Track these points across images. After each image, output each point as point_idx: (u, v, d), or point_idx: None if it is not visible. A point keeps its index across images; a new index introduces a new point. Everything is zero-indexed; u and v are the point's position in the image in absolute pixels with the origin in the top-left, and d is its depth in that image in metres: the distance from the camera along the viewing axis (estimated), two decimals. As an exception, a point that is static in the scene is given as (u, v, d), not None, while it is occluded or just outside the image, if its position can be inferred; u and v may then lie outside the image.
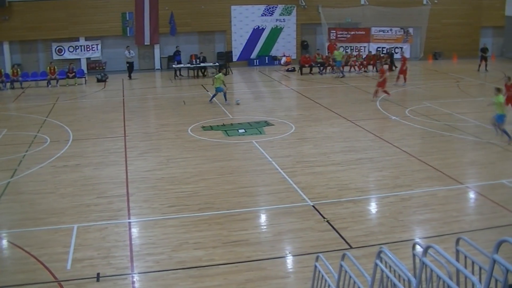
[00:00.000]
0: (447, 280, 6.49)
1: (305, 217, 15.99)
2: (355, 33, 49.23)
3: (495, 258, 5.60)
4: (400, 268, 8.09)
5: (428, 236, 14.86)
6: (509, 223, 15.59)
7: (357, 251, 13.68)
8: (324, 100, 32.53)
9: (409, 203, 17.16)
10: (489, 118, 23.81)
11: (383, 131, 25.51)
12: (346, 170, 20.15)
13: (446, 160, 21.33)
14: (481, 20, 52.80)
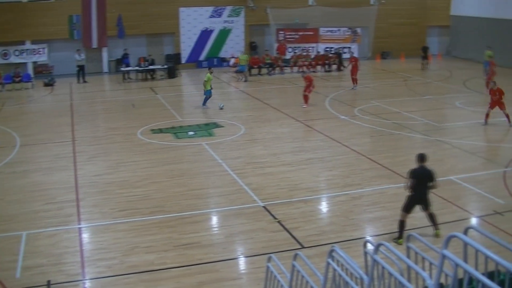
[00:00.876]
0: (399, 277, 6.55)
1: (256, 218, 16.02)
2: (304, 34, 49.39)
3: (444, 254, 5.67)
4: (352, 266, 8.14)
5: (379, 233, 15.03)
6: (458, 219, 15.87)
7: (309, 250, 13.75)
8: (274, 101, 32.61)
9: (359, 201, 17.32)
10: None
11: (332, 131, 25.66)
12: (297, 170, 20.23)
13: (395, 158, 21.57)
14: (427, 20, 53.47)
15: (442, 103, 32.06)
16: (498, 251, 10.40)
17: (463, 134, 25.12)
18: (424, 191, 14.46)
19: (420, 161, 14.56)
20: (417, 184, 14.36)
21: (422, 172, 14.44)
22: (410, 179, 14.42)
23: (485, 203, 17.30)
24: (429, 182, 14.42)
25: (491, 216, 16.14)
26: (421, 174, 14.42)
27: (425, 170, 14.48)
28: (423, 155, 14.61)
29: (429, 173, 14.43)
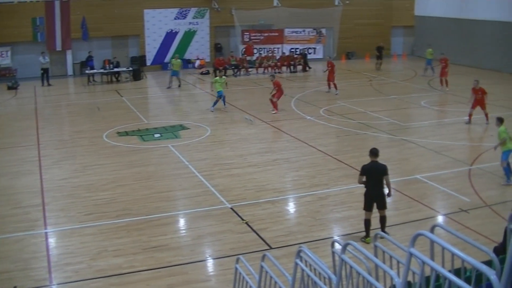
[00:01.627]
0: (367, 276, 6.58)
1: (224, 219, 16.01)
2: (269, 35, 49.47)
3: (411, 252, 5.71)
4: (320, 266, 8.16)
5: (346, 233, 15.11)
6: (424, 217, 16.01)
7: (277, 251, 13.78)
8: (240, 102, 32.60)
9: (326, 201, 17.40)
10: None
11: (298, 131, 25.73)
12: (263, 171, 20.26)
13: (361, 157, 21.57)
14: (392, 20, 53.94)
15: (407, 103, 32.33)
16: (464, 248, 10.49)
17: (428, 133, 25.37)
18: (377, 187, 14.47)
19: (372, 156, 14.65)
20: (369, 180, 14.43)
21: (373, 167, 14.51)
22: (361, 175, 14.50)
23: (451, 201, 17.48)
24: (382, 177, 14.42)
25: (457, 214, 16.31)
26: (371, 169, 14.48)
27: (377, 165, 14.55)
28: (375, 150, 14.73)
29: (382, 168, 14.47)
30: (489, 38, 44.98)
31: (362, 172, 14.48)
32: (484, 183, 18.85)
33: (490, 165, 20.52)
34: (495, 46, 44.12)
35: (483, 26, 45.57)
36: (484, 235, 14.72)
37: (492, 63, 43.11)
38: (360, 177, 14.55)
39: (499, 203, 17.09)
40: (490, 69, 42.84)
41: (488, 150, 21.90)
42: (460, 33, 47.76)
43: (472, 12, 46.62)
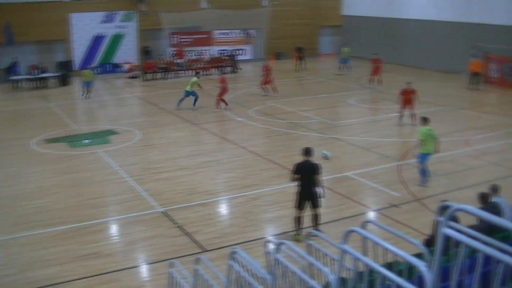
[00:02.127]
0: (301, 274, 6.59)
1: (156, 224, 15.87)
2: (198, 37, 49.36)
3: (344, 248, 5.74)
4: (254, 266, 8.15)
5: (280, 232, 15.15)
6: (356, 213, 16.19)
7: (211, 253, 13.72)
8: (169, 105, 32.36)
9: (258, 202, 17.42)
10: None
11: (229, 133, 25.75)
12: (194, 174, 20.18)
13: (292, 157, 21.70)
14: (320, 20, 54.48)
15: (336, 101, 32.68)
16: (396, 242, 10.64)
17: (358, 131, 25.71)
18: (309, 186, 14.51)
19: (304, 155, 14.72)
20: (302, 178, 14.48)
21: (306, 166, 14.56)
22: (294, 173, 14.55)
23: (381, 196, 17.73)
24: (314, 176, 14.47)
25: (387, 209, 16.55)
26: (304, 168, 14.53)
27: (308, 164, 14.60)
28: (307, 149, 14.80)
29: (313, 167, 14.53)
30: (413, 36, 45.94)
31: (295, 171, 14.52)
32: (413, 178, 19.15)
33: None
34: (418, 44, 45.06)
35: (407, 25, 46.53)
36: (414, 228, 14.97)
37: (415, 60, 43.97)
38: (292, 175, 14.62)
39: (428, 197, 17.42)
40: (414, 66, 43.71)
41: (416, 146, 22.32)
42: (385, 31, 48.69)
43: (397, 11, 47.61)
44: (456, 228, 4.91)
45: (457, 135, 24.74)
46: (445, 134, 23.79)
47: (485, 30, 39.23)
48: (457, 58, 41.25)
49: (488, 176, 18.87)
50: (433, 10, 44.07)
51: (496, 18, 38.52)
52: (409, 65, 44.04)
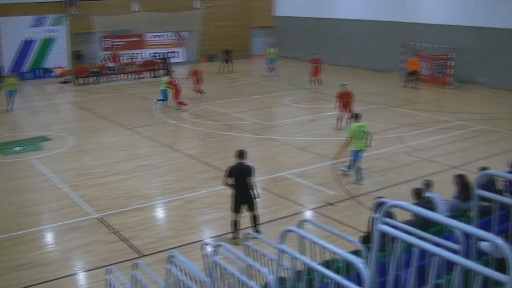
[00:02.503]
0: (240, 276, 6.60)
1: (92, 230, 15.68)
2: (130, 40, 48.88)
3: (282, 248, 5.76)
4: (192, 269, 8.12)
5: (217, 235, 15.15)
6: (293, 213, 16.29)
7: (149, 258, 13.63)
8: (102, 110, 32.00)
9: (195, 204, 17.39)
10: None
11: (163, 136, 25.60)
12: (130, 179, 20.00)
13: (227, 159, 21.67)
14: (252, 21, 54.61)
15: (270, 102, 32.82)
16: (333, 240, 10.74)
17: (292, 131, 25.87)
18: (244, 189, 14.56)
19: (238, 158, 14.80)
20: (236, 181, 14.52)
21: (240, 169, 14.63)
22: (227, 177, 14.58)
23: (317, 195, 17.89)
24: (248, 178, 14.53)
25: (324, 208, 16.72)
26: (238, 171, 14.59)
27: (242, 167, 14.67)
28: (241, 152, 14.89)
29: (247, 169, 14.60)
30: (345, 36, 46.51)
31: (228, 174, 14.55)
32: (348, 176, 19.39)
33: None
34: (351, 44, 45.62)
35: (339, 25, 47.07)
36: (351, 226, 15.16)
37: (348, 60, 44.53)
38: (224, 179, 14.63)
39: (363, 194, 17.67)
40: (347, 65, 44.25)
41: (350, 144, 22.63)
42: (318, 32, 49.14)
43: (329, 11, 48.15)
44: (391, 224, 4.99)
45: (389, 133, 25.13)
46: (378, 132, 24.14)
47: (415, 29, 40.02)
48: (388, 57, 41.93)
49: (421, 172, 19.24)
50: (364, 10, 44.73)
51: (425, 17, 39.33)
52: (342, 65, 44.53)
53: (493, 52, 35.61)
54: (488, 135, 24.41)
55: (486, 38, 35.73)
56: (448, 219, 4.37)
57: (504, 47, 34.88)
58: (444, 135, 24.50)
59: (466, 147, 22.88)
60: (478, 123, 26.48)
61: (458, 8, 37.40)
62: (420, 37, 38.93)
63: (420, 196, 12.81)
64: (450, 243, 4.93)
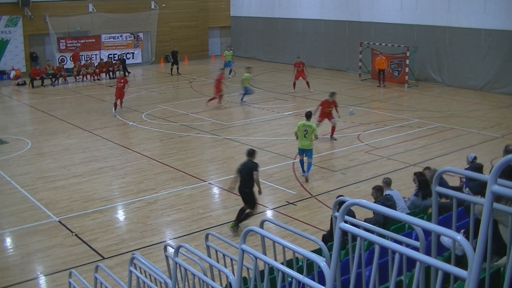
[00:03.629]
0: (202, 276, 6.60)
1: (52, 234, 15.53)
2: (85, 41, 48.43)
3: (243, 248, 5.77)
4: (154, 271, 8.11)
5: (178, 236, 15.13)
6: (255, 213, 16.28)
7: (110, 261, 13.57)
8: (59, 112, 31.66)
9: (155, 206, 17.32)
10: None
11: (121, 138, 25.47)
12: (89, 181, 19.84)
13: (186, 159, 21.80)
14: (208, 22, 54.60)
15: (228, 102, 32.80)
16: (294, 239, 10.82)
17: (251, 131, 25.94)
18: (243, 185, 15.18)
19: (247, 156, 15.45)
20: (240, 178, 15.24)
21: (242, 166, 15.24)
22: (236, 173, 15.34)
23: (278, 195, 17.96)
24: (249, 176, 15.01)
25: (285, 207, 16.79)
26: (242, 168, 15.21)
27: (245, 164, 15.22)
28: (249, 150, 15.64)
29: (250, 167, 15.07)
30: (302, 35, 46.73)
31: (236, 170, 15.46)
32: (308, 175, 19.48)
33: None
34: (308, 43, 45.86)
35: (296, 24, 47.29)
36: (312, 225, 15.25)
37: (306, 59, 44.71)
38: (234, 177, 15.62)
39: (324, 193, 17.78)
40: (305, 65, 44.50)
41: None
42: (275, 32, 49.33)
43: (285, 11, 48.37)
44: (352, 222, 5.03)
45: (348, 131, 25.32)
46: (337, 131, 24.30)
47: (372, 28, 40.41)
48: (346, 56, 42.27)
49: (381, 170, 19.48)
50: (320, 9, 45.03)
51: (382, 17, 39.73)
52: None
53: (449, 50, 36.12)
54: (445, 133, 24.74)
55: (441, 37, 36.24)
56: (408, 216, 4.44)
57: (459, 46, 35.41)
58: (402, 133, 24.78)
59: (424, 144, 23.15)
60: (435, 121, 26.84)
61: (414, 8, 37.87)
62: (377, 37, 39.37)
63: (380, 194, 12.95)
64: (410, 240, 5.00)
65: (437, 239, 5.58)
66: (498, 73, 33.98)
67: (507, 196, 3.66)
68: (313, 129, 19.26)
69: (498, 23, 33.22)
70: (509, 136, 23.71)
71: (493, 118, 27.64)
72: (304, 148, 19.28)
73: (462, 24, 34.99)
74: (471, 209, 5.31)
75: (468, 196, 5.90)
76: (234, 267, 8.55)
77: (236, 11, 54.25)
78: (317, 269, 5.13)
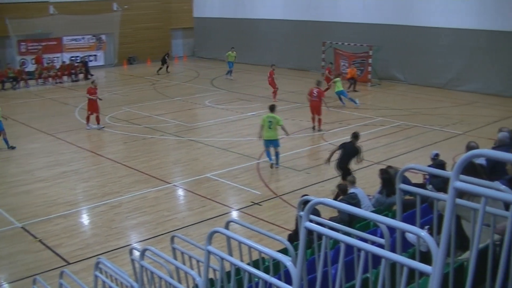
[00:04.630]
0: (168, 279, 6.57)
1: (16, 240, 15.34)
2: (47, 44, 47.93)
3: (209, 249, 5.77)
4: (120, 275, 8.05)
5: (144, 239, 15.04)
6: (219, 214, 16.31)
7: (75, 266, 13.44)
8: (21, 116, 31.26)
9: (120, 209, 17.21)
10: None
11: (85, 141, 25.24)
12: (53, 186, 19.64)
13: (151, 162, 21.70)
14: (171, 23, 54.44)
15: (192, 104, 32.75)
16: (260, 240, 10.81)
17: (215, 132, 25.90)
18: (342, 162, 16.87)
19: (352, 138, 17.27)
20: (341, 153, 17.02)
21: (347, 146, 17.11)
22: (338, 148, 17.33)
23: (243, 195, 17.96)
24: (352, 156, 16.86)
25: (250, 207, 16.79)
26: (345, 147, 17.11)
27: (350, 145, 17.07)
28: (354, 133, 17.42)
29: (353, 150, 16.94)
30: (265, 35, 46.81)
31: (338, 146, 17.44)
32: (272, 175, 19.57)
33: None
34: (272, 44, 45.94)
35: (260, 25, 47.36)
36: (277, 224, 15.27)
37: (269, 59, 44.78)
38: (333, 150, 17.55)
39: (288, 193, 17.82)
40: (268, 65, 44.46)
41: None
42: (239, 32, 49.34)
43: (249, 11, 48.44)
44: (317, 221, 5.04)
45: (311, 131, 25.40)
46: (301, 130, 24.43)
47: (335, 28, 40.65)
48: (309, 56, 42.43)
49: (344, 169, 19.54)
50: (282, 10, 45.22)
51: (344, 16, 40.00)
52: (265, 64, 44.61)
53: (411, 49, 36.47)
54: (408, 131, 24.96)
55: (404, 36, 36.57)
56: (372, 214, 4.46)
57: (421, 45, 35.78)
58: (366, 131, 24.90)
59: (388, 142, 23.34)
60: (398, 119, 27.08)
61: (376, 7, 38.19)
62: (339, 36, 39.61)
63: (345, 192, 13.01)
64: (375, 237, 5.02)
65: (402, 236, 5.63)
66: (460, 71, 34.47)
67: (469, 192, 3.70)
68: (277, 120, 20.00)
69: (459, 22, 33.69)
70: (471, 133, 23.99)
71: (456, 115, 27.98)
72: (270, 139, 20.01)
73: (424, 23, 35.39)
74: (434, 205, 5.35)
75: (431, 193, 5.93)
76: (200, 269, 8.52)
77: (199, 12, 54.17)
78: (283, 269, 5.13)
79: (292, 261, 4.81)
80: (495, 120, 26.23)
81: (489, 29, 32.58)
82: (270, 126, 19.91)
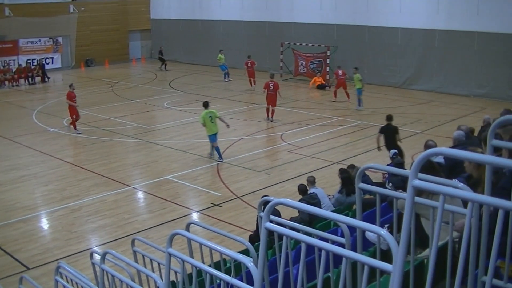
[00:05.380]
0: (129, 282, 6.55)
1: (-27, 246, 15.12)
2: (2, 47, 47.25)
3: (170, 252, 5.76)
4: (81, 279, 7.99)
5: (104, 242, 14.94)
6: (179, 216, 16.28)
7: (35, 271, 13.30)
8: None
9: (80, 213, 17.07)
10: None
11: (43, 145, 24.95)
12: (11, 190, 19.39)
13: (110, 165, 21.56)
14: (129, 25, 54.10)
15: (151, 106, 32.61)
16: (221, 241, 10.82)
17: (174, 134, 25.82)
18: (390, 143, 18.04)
19: (387, 120, 18.70)
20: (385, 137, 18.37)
21: (388, 128, 18.50)
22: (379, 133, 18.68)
23: (203, 197, 17.95)
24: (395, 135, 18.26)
25: (210, 209, 16.79)
26: (386, 130, 18.48)
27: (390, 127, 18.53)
28: (388, 115, 18.88)
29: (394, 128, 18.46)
30: (223, 37, 46.78)
31: (380, 131, 18.75)
32: (232, 176, 19.58)
33: (235, 158, 21.41)
34: (229, 45, 45.87)
35: (216, 26, 47.33)
36: (238, 225, 15.29)
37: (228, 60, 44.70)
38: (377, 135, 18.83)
39: (249, 193, 17.84)
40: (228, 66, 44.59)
41: (232, 144, 22.91)
42: (196, 34, 49.26)
43: (205, 13, 48.44)
44: (278, 221, 5.07)
45: (271, 131, 25.52)
46: (261, 131, 24.50)
47: (292, 28, 40.82)
48: (268, 57, 42.48)
49: (305, 169, 19.68)
50: (239, 11, 45.27)
51: (301, 17, 40.19)
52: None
53: (368, 49, 36.82)
54: (367, 130, 25.14)
55: (361, 36, 36.92)
56: (333, 213, 4.50)
57: (378, 45, 36.15)
58: (325, 131, 25.07)
59: (347, 142, 23.52)
60: (357, 119, 27.29)
61: (333, 8, 38.46)
62: (297, 37, 39.79)
63: (305, 193, 13.07)
64: (336, 237, 5.07)
65: (362, 234, 5.69)
66: (416, 70, 34.91)
67: (427, 190, 3.75)
68: (215, 114, 21.21)
69: (415, 22, 34.14)
70: (429, 132, 24.28)
71: (413, 114, 28.28)
72: (215, 133, 21.07)
73: (381, 24, 35.76)
74: (394, 204, 5.41)
75: (390, 191, 6.01)
76: (162, 271, 8.50)
77: (156, 14, 53.94)
78: (245, 270, 5.16)
79: (253, 262, 4.84)
80: (452, 118, 26.62)
81: (443, 28, 33.05)
82: (212, 121, 20.88)
